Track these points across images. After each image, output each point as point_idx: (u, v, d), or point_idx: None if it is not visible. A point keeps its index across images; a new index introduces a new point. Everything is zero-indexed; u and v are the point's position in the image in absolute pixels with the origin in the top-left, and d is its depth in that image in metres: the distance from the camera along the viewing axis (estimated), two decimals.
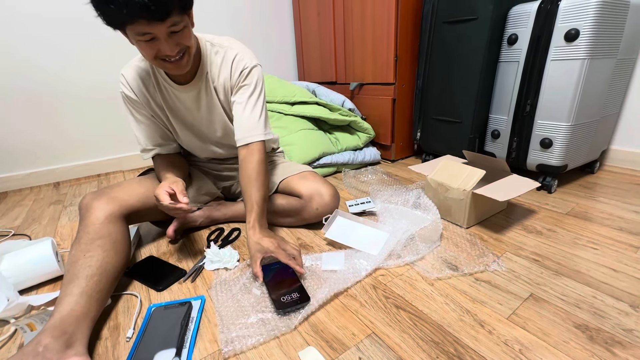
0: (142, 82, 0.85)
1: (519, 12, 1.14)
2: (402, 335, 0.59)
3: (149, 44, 0.67)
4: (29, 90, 1.51)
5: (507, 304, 0.65)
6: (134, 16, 0.61)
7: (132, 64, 0.86)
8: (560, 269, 0.76)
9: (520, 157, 1.23)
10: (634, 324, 0.59)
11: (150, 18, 0.62)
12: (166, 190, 0.76)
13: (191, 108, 0.89)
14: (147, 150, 0.92)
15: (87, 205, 0.73)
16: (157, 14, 0.62)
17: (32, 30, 1.45)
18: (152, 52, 0.69)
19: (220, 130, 0.94)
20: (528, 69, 1.14)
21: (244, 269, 0.80)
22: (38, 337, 0.51)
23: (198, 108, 0.89)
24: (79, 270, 0.62)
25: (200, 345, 0.60)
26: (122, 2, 0.58)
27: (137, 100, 0.86)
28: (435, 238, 0.87)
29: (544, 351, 0.55)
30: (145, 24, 0.62)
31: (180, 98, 0.87)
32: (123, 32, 0.67)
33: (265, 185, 0.83)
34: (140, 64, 0.85)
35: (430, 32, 1.36)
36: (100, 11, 0.62)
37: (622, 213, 1.00)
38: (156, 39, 0.67)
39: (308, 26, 1.98)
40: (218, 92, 0.88)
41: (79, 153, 1.69)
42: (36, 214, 1.28)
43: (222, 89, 0.87)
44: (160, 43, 0.67)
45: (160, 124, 0.92)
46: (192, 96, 0.87)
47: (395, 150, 1.64)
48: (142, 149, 0.92)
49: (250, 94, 0.85)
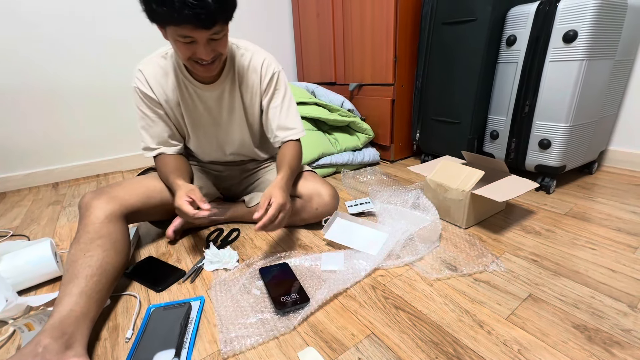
0: (162, 80, 0.85)
1: (518, 14, 1.14)
2: (402, 335, 0.60)
3: (187, 45, 0.71)
4: (28, 89, 1.50)
5: (506, 304, 0.66)
6: (183, 21, 0.64)
7: (152, 60, 0.86)
8: (558, 269, 0.76)
9: (519, 158, 1.23)
10: (632, 324, 0.59)
11: (197, 25, 0.65)
12: (186, 200, 0.76)
13: (212, 107, 0.90)
14: (150, 149, 0.91)
15: (87, 204, 0.73)
16: (205, 22, 0.66)
17: (32, 29, 1.45)
18: (188, 53, 0.72)
19: (237, 132, 0.95)
20: (527, 70, 1.15)
21: (243, 269, 0.80)
22: (37, 338, 0.51)
23: (219, 108, 0.90)
24: (78, 270, 0.62)
25: (199, 345, 0.59)
26: (175, 7, 0.62)
27: (153, 97, 0.86)
28: (434, 238, 0.87)
29: (543, 351, 0.55)
30: (191, 29, 0.66)
31: (203, 97, 0.88)
32: (161, 29, 0.70)
33: (299, 166, 0.93)
34: (159, 61, 0.85)
35: (429, 33, 1.37)
36: (148, 8, 0.65)
37: (620, 213, 1.00)
38: (195, 42, 0.70)
39: (307, 27, 1.98)
40: (243, 94, 0.90)
41: (78, 153, 1.69)
42: (35, 214, 1.28)
43: (248, 92, 0.90)
44: (198, 47, 0.71)
45: (172, 124, 0.92)
46: (215, 95, 0.88)
47: (395, 150, 1.64)
48: (145, 147, 0.92)
49: (282, 97, 0.92)
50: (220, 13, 0.67)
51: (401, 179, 1.39)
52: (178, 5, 0.61)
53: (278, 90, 0.92)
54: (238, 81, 0.89)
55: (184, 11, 0.62)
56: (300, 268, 0.79)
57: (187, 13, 0.62)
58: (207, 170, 1.07)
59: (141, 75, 0.85)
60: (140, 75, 0.85)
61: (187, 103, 0.88)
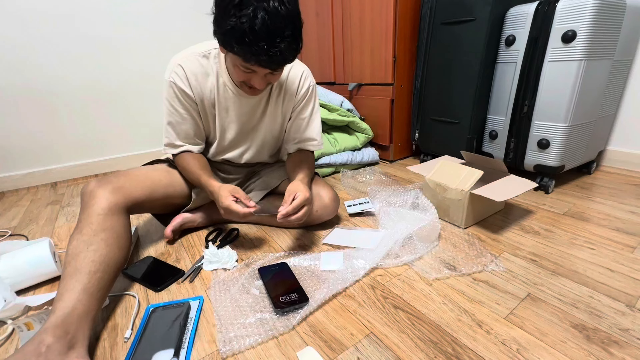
0: (201, 79, 0.84)
1: (517, 14, 1.14)
2: (401, 335, 0.60)
3: (245, 74, 0.71)
4: (26, 89, 1.50)
5: (505, 304, 0.66)
6: (256, 62, 0.65)
7: (192, 57, 0.83)
8: (557, 269, 0.76)
9: (517, 158, 1.23)
10: (630, 324, 0.60)
11: (265, 67, 0.67)
12: (233, 200, 0.78)
13: (246, 113, 0.90)
14: (175, 146, 0.90)
15: (91, 192, 0.71)
16: (274, 66, 0.67)
17: (29, 28, 1.45)
18: (244, 78, 0.74)
19: (261, 139, 0.97)
20: (525, 70, 1.15)
21: (242, 269, 0.80)
22: (40, 336, 0.50)
23: (252, 114, 0.91)
24: (81, 265, 0.60)
25: (198, 345, 0.59)
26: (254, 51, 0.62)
27: (190, 94, 0.84)
28: (433, 238, 0.87)
29: (542, 351, 0.55)
30: (258, 66, 0.67)
31: (239, 102, 0.88)
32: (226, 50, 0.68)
33: (312, 174, 0.96)
34: (201, 60, 0.83)
35: (428, 33, 1.37)
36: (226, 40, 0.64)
37: (618, 213, 1.00)
38: (254, 72, 0.71)
39: (306, 26, 1.98)
40: (279, 104, 0.92)
41: (77, 153, 1.69)
42: (33, 214, 1.27)
43: (285, 103, 0.92)
44: (255, 77, 0.72)
45: (201, 123, 0.91)
46: (253, 102, 0.89)
47: (394, 150, 1.64)
48: (168, 143, 0.90)
49: (311, 110, 0.95)
50: (290, 59, 0.68)
51: (400, 179, 1.39)
52: (256, 50, 0.62)
53: (309, 102, 0.94)
54: (277, 90, 0.90)
55: (260, 56, 0.63)
56: (300, 268, 0.79)
57: (262, 58, 0.64)
58: (215, 169, 1.06)
59: (181, 71, 0.82)
60: (180, 70, 0.82)
61: (222, 106, 0.88)
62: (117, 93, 1.69)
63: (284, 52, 0.64)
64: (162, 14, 1.71)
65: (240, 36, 0.61)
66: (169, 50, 0.90)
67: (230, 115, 0.90)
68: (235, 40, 0.62)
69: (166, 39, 1.74)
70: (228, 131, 0.93)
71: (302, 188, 0.80)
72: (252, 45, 0.61)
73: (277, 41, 0.62)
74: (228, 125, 0.92)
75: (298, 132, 0.96)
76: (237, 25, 0.60)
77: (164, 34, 1.73)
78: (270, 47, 0.62)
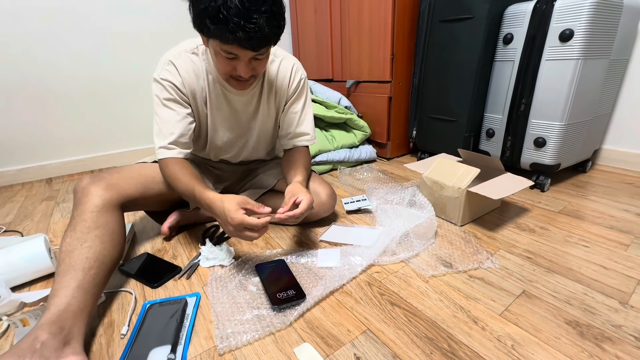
0: (193, 75, 0.81)
1: (515, 12, 1.14)
2: (397, 331, 0.60)
3: (228, 60, 0.69)
4: (21, 84, 1.48)
5: (500, 301, 0.66)
6: (234, 42, 0.63)
7: (183, 54, 0.80)
8: (552, 266, 0.77)
9: (514, 156, 1.24)
10: (623, 320, 0.60)
11: (246, 46, 0.64)
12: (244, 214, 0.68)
13: (238, 110, 0.89)
14: (167, 148, 0.81)
15: (84, 189, 0.70)
16: (255, 45, 0.64)
17: (24, 23, 1.43)
18: (227, 68, 0.71)
19: (255, 135, 0.96)
20: (523, 69, 1.15)
21: (239, 266, 0.80)
22: (35, 333, 0.50)
23: (245, 112, 0.90)
24: (75, 262, 0.59)
25: (195, 341, 0.59)
26: (230, 28, 0.59)
27: (184, 92, 0.81)
28: (430, 235, 0.87)
29: (536, 347, 0.56)
30: (239, 48, 0.64)
31: (231, 100, 0.86)
32: (204, 37, 0.67)
33: (309, 172, 0.95)
34: (192, 56, 0.81)
35: (426, 31, 1.37)
36: (200, 21, 0.62)
37: (613, 211, 1.01)
38: (237, 59, 0.69)
39: (305, 23, 1.97)
40: (271, 100, 0.91)
41: (72, 149, 1.67)
42: (28, 210, 1.26)
43: (277, 98, 0.91)
44: (239, 64, 0.69)
45: (195, 122, 0.87)
46: (245, 100, 0.87)
47: (391, 148, 1.65)
48: (161, 146, 0.81)
49: (303, 103, 0.94)
50: (272, 37, 0.65)
51: (398, 177, 1.40)
52: (232, 27, 0.59)
53: (301, 96, 0.93)
54: (268, 87, 0.89)
55: (238, 33, 0.60)
56: (297, 264, 0.80)
57: (240, 36, 0.61)
58: (210, 168, 1.05)
59: (173, 68, 0.79)
60: (172, 68, 0.79)
61: (213, 103, 0.86)
62: (113, 88, 1.67)
63: (262, 28, 0.61)
64: (159, 8, 1.69)
65: (215, 14, 0.59)
66: (165, 45, 0.89)
67: (222, 113, 0.88)
68: (210, 20, 0.60)
69: (163, 34, 1.72)
70: (221, 130, 0.91)
71: (304, 191, 0.78)
72: (227, 22, 0.59)
73: (253, 17, 0.59)
74: (221, 124, 0.90)
75: (291, 126, 0.94)
76: (211, 4, 0.59)
77: (160, 28, 1.71)
78: (247, 22, 0.59)
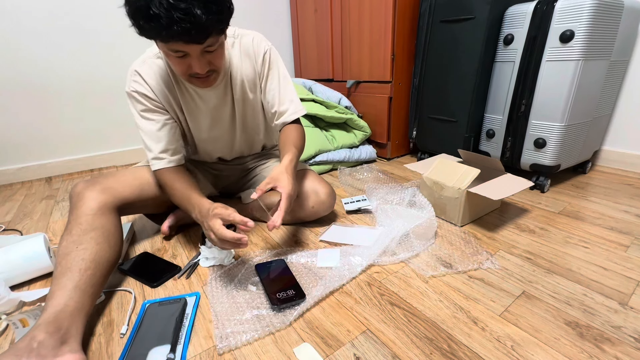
0: (161, 81, 0.79)
1: (516, 13, 1.14)
2: (397, 331, 0.60)
3: (180, 59, 0.67)
4: (20, 83, 1.48)
5: (500, 301, 0.66)
6: (172, 38, 0.60)
7: (148, 61, 0.79)
8: (552, 267, 0.77)
9: (514, 157, 1.24)
10: (622, 321, 0.60)
11: (187, 41, 0.61)
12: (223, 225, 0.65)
13: (216, 106, 0.86)
14: (159, 159, 0.81)
15: (79, 194, 0.71)
16: (196, 37, 0.61)
17: (22, 23, 1.42)
18: (183, 67, 0.68)
19: (246, 123, 0.92)
20: (523, 69, 1.15)
21: (239, 265, 0.80)
22: (32, 333, 0.50)
23: (223, 105, 0.87)
24: (71, 263, 0.60)
25: (195, 341, 0.59)
26: (163, 24, 0.56)
27: (155, 99, 0.79)
28: (429, 236, 0.87)
29: (535, 347, 0.56)
30: (182, 44, 0.62)
31: (205, 97, 0.84)
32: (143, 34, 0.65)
33: (303, 147, 0.90)
34: (156, 60, 0.79)
35: (427, 31, 1.37)
36: (136, 24, 0.60)
37: (612, 212, 1.01)
38: (188, 56, 0.66)
39: (305, 23, 1.97)
40: (245, 83, 0.87)
41: (72, 147, 1.67)
42: (28, 209, 1.26)
43: (250, 80, 0.87)
44: (192, 60, 0.67)
45: (177, 127, 0.86)
46: (218, 94, 0.84)
47: (391, 148, 1.65)
48: (153, 157, 0.81)
49: (277, 77, 0.88)
50: (213, 25, 0.61)
51: (398, 177, 1.40)
52: (165, 21, 0.56)
53: (272, 70, 0.87)
54: (234, 72, 0.84)
55: (172, 27, 0.57)
56: (297, 264, 0.79)
57: (176, 29, 0.57)
58: (207, 170, 1.05)
59: (139, 78, 0.78)
60: (137, 77, 0.78)
61: (189, 106, 0.84)
62: (113, 87, 1.67)
63: (199, 18, 0.57)
64: None
65: (146, 12, 0.56)
66: None
67: (201, 113, 0.86)
68: (143, 19, 0.57)
69: None
70: (204, 129, 0.89)
71: (283, 179, 0.73)
72: (159, 17, 0.56)
73: (183, 7, 0.56)
74: (202, 123, 0.88)
75: (274, 105, 0.88)
76: (140, 2, 0.56)
77: None
78: (179, 13, 0.55)
